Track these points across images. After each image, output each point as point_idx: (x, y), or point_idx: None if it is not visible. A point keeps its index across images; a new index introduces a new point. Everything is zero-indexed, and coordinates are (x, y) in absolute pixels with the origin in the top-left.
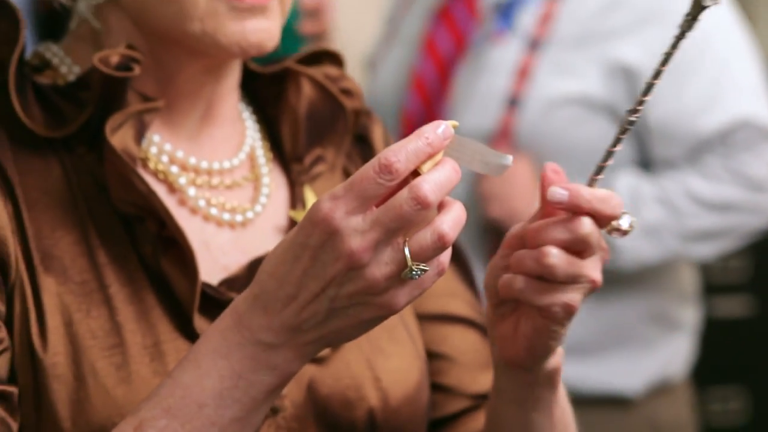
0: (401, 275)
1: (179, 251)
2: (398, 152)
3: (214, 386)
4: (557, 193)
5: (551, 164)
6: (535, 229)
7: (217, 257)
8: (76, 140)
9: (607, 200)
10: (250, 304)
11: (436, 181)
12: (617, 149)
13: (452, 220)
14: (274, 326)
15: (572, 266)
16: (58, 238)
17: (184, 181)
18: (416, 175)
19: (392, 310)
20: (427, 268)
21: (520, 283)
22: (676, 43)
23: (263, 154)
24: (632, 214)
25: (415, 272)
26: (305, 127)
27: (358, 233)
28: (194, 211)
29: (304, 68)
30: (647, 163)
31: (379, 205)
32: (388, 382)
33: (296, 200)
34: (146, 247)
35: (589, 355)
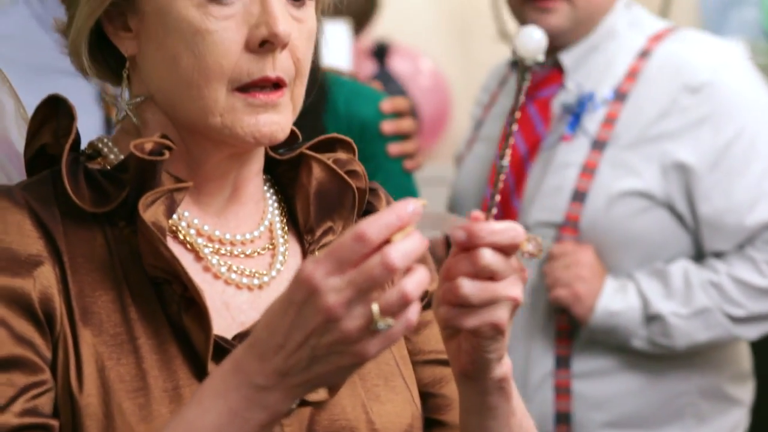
0: (370, 328)
1: (198, 310)
2: (372, 225)
3: (213, 422)
4: (457, 233)
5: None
6: (448, 264)
7: (235, 315)
8: (117, 215)
9: (502, 232)
10: (246, 351)
11: (403, 249)
12: (500, 186)
13: (415, 281)
14: (266, 371)
15: (485, 291)
16: (97, 296)
17: (208, 250)
18: (389, 243)
19: (364, 358)
20: (392, 322)
21: (448, 311)
22: (517, 97)
23: (280, 227)
24: (539, 238)
25: (381, 325)
26: (315, 203)
27: (335, 291)
28: (217, 276)
29: (315, 154)
30: (700, 255)
31: (355, 267)
32: (381, 424)
33: None
34: (172, 305)
35: (645, 428)
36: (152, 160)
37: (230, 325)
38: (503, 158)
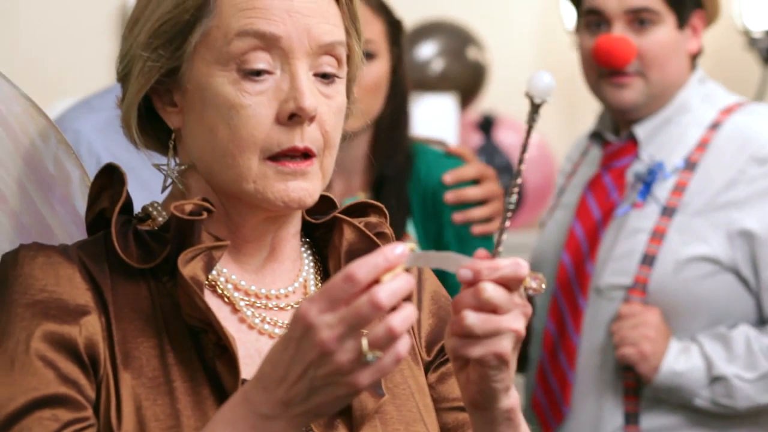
0: (361, 360)
1: (230, 356)
2: (361, 266)
3: None
4: (463, 273)
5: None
6: (456, 299)
7: None
8: (161, 270)
9: (504, 268)
10: (253, 384)
11: (390, 289)
12: (507, 225)
13: (402, 317)
14: (270, 401)
15: (488, 323)
16: (139, 343)
17: (244, 303)
18: (378, 282)
19: (358, 388)
20: (379, 354)
21: (455, 342)
22: (526, 137)
23: (314, 283)
24: (541, 275)
25: (370, 357)
26: (346, 262)
27: (328, 327)
28: (251, 326)
29: (346, 217)
30: (763, 320)
31: (346, 305)
32: None
33: None
34: (207, 352)
35: None
36: (191, 219)
37: None
38: (511, 196)
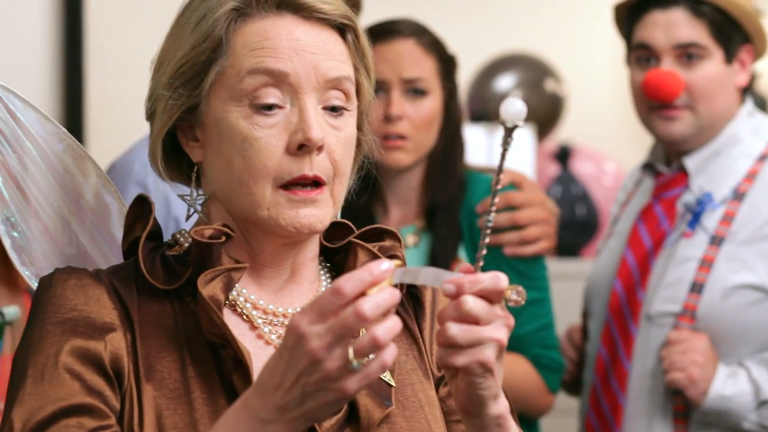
0: (348, 367)
1: (245, 369)
2: (348, 281)
3: None
4: (446, 288)
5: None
6: (440, 312)
7: None
8: (185, 291)
9: (484, 281)
10: (253, 391)
11: (374, 301)
12: (486, 241)
13: (385, 328)
14: (267, 406)
15: (470, 333)
16: (161, 357)
17: (261, 321)
18: (364, 295)
19: (346, 394)
20: (364, 361)
21: (441, 352)
22: (501, 159)
23: None
24: (521, 287)
25: (356, 365)
26: None
27: (317, 337)
28: (268, 342)
29: (361, 242)
30: None
31: (334, 316)
32: None
33: None
34: (225, 366)
35: None
36: (210, 243)
37: None
38: (489, 214)
